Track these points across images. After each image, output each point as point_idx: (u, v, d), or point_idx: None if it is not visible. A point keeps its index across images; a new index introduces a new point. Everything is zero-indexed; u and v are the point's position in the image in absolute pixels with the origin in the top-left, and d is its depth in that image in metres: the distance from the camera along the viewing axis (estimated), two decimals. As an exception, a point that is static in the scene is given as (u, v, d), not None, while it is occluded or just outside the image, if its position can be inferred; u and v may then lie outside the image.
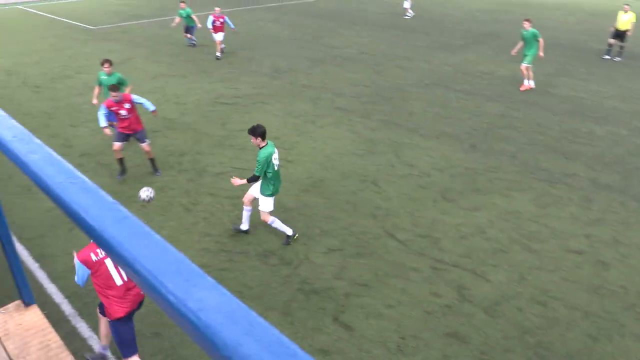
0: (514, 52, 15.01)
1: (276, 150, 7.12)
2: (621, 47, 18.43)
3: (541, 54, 14.42)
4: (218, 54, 17.76)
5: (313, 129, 11.70)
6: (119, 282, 4.69)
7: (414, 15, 26.71)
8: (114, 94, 8.73)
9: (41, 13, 27.09)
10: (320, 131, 11.56)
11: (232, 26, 18.10)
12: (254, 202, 7.78)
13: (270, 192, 7.19)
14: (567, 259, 7.33)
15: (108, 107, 8.87)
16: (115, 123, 9.41)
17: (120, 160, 9.27)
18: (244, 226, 7.74)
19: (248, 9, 28.59)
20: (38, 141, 1.45)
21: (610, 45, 18.44)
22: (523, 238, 7.78)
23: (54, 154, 1.37)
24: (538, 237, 7.81)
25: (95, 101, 10.59)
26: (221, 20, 17.53)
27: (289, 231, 7.46)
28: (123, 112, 8.92)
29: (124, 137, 9.10)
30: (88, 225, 1.11)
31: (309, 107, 13.08)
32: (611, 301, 6.52)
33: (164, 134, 11.31)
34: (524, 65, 14.48)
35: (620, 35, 18.19)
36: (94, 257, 4.66)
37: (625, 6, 18.10)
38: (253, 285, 6.68)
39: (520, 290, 6.66)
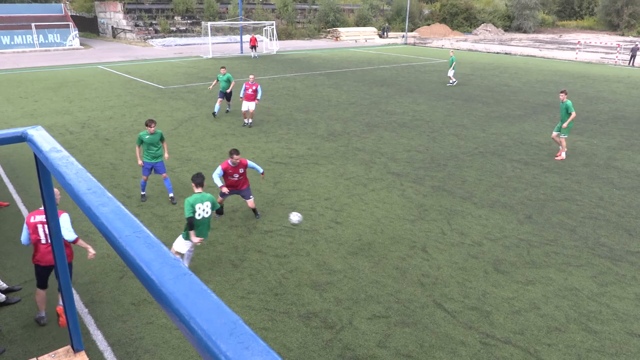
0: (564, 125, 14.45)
1: (207, 202, 7.74)
2: None
3: (564, 125, 14.27)
4: (248, 120, 17.23)
5: (364, 191, 11.77)
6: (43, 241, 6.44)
7: (457, 83, 26.87)
8: (235, 156, 9.33)
9: (119, 73, 29.43)
10: (371, 194, 11.61)
11: (259, 97, 17.18)
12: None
13: (185, 235, 7.79)
14: (631, 343, 6.79)
15: (224, 170, 9.43)
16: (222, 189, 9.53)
17: (221, 206, 10.07)
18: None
19: (309, 74, 29.85)
20: (109, 195, 1.55)
21: None
22: (582, 317, 7.31)
23: (124, 208, 1.46)
24: (598, 318, 7.31)
25: (140, 162, 10.56)
26: (254, 88, 17.00)
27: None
28: (236, 176, 9.61)
29: (230, 194, 9.80)
30: (148, 279, 1.13)
31: (361, 170, 13.23)
32: (683, 396, 5.93)
33: (217, 190, 11.70)
34: (555, 134, 14.62)
35: None
36: (31, 219, 6.33)
37: None
38: (293, 347, 6.59)
39: (578, 375, 6.19)
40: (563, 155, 14.70)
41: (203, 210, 7.76)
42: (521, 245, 9.38)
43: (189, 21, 53.94)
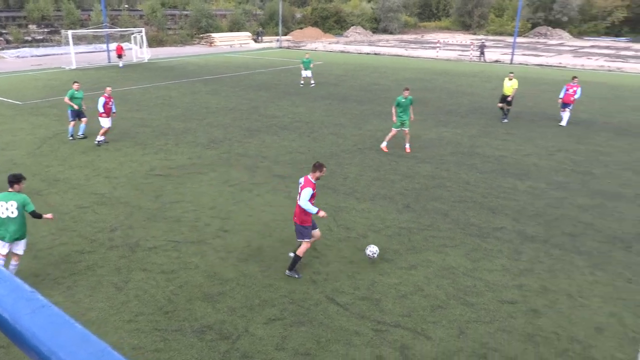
0: (394, 118, 15.11)
1: (11, 202, 7.56)
2: (507, 110, 19.69)
3: (412, 117, 15.31)
4: (101, 138, 15.73)
5: (250, 197, 11.71)
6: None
7: (315, 84, 27.88)
8: (325, 169, 8.15)
9: (-36, 91, 26.17)
10: (257, 199, 11.59)
11: (114, 109, 16.27)
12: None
13: None
14: (502, 310, 7.55)
15: (313, 191, 8.04)
16: None
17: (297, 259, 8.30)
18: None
19: (184, 82, 29.00)
20: None
21: (500, 108, 19.88)
22: (459, 292, 7.96)
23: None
24: (473, 291, 8.02)
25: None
26: (112, 101, 15.82)
27: None
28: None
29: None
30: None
31: (245, 176, 13.15)
32: (545, 348, 6.71)
33: (93, 210, 10.93)
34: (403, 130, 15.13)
35: (505, 100, 19.53)
36: None
37: (510, 74, 19.64)
38: (189, 364, 6.36)
39: (460, 345, 6.74)
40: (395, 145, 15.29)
41: (7, 209, 7.58)
42: (402, 233, 9.97)
43: (46, 30, 49.60)
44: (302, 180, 8.27)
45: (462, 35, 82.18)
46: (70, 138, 16.35)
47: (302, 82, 28.49)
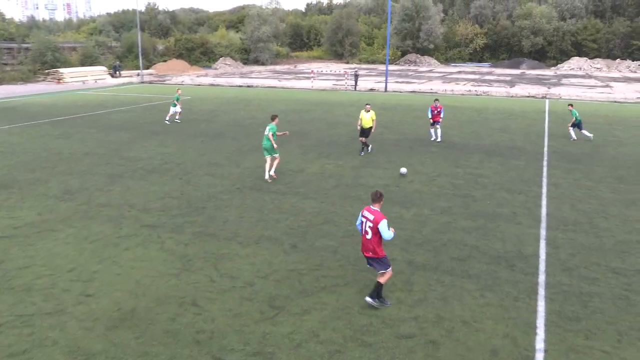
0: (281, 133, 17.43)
1: None
2: (365, 144, 19.92)
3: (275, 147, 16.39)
4: None
5: (117, 252, 10.98)
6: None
7: (179, 121, 27.76)
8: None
9: None
10: (125, 254, 10.90)
11: None
12: None
13: None
14: (401, 345, 7.79)
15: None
16: None
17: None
18: None
19: (28, 125, 26.81)
20: None
21: (363, 143, 19.75)
22: (357, 333, 8.09)
23: None
24: (370, 330, 8.20)
25: None
26: None
27: None
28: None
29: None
30: None
31: (109, 229, 12.34)
32: (446, 382, 7.01)
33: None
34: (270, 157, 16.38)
35: (364, 132, 19.62)
36: None
37: (367, 105, 19.79)
38: None
39: (362, 392, 6.79)
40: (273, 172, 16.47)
41: None
42: (291, 277, 9.96)
43: None
44: (367, 214, 8.78)
45: (335, 64, 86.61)
46: None
47: (177, 118, 27.88)
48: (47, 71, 57.77)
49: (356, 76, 47.48)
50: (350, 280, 9.81)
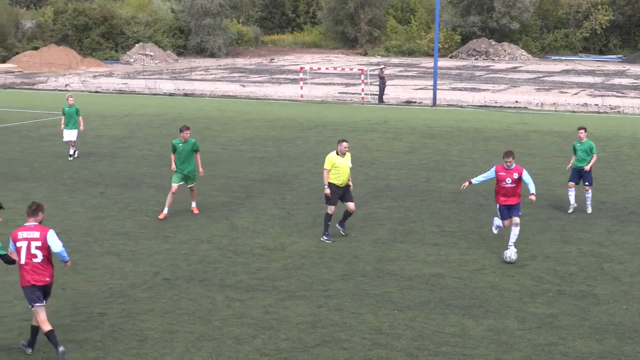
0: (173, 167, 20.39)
1: None
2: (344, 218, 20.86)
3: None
4: None
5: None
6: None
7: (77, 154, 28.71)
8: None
9: None
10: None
11: None
12: None
13: None
14: None
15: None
16: None
17: None
18: None
19: None
20: None
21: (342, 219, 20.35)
22: None
23: None
24: None
25: None
26: None
27: None
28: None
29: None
30: None
31: None
32: None
33: None
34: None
35: (343, 191, 20.06)
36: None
37: (342, 144, 19.52)
38: None
39: None
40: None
41: None
42: None
43: None
44: (27, 233, 12.03)
45: (342, 56, 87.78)
46: None
47: (71, 151, 28.51)
48: None
49: (381, 78, 47.45)
50: None
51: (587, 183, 21.19)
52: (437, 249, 17.79)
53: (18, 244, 11.89)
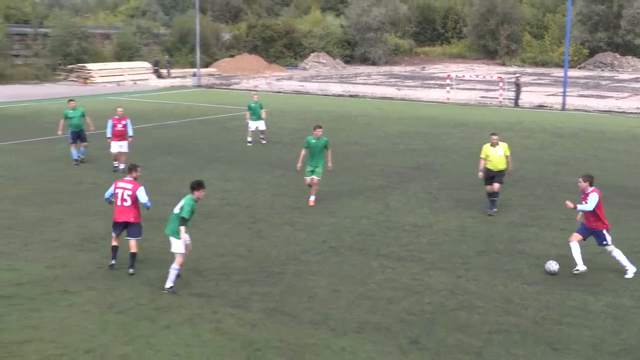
0: (299, 166, 19.81)
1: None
2: (494, 198, 20.07)
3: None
4: (119, 165, 23.21)
5: (153, 330, 11.42)
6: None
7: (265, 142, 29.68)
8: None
9: None
10: (165, 334, 11.30)
11: (131, 132, 23.73)
12: None
13: None
14: None
15: None
16: None
17: None
18: None
19: (40, 141, 28.89)
20: None
21: (489, 194, 19.98)
22: None
23: None
24: None
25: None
26: (123, 123, 23.30)
27: None
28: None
29: None
30: None
31: (144, 296, 12.89)
32: None
33: None
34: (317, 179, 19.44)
35: (494, 176, 19.48)
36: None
37: (493, 137, 19.33)
38: None
39: None
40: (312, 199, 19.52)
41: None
42: (410, 388, 9.84)
43: None
44: (124, 184, 14.40)
45: (484, 66, 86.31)
46: (75, 162, 24.69)
47: (249, 139, 29.41)
48: (70, 67, 62.25)
49: (517, 85, 46.99)
50: (502, 402, 9.51)
51: None
52: (563, 233, 17.24)
53: (116, 190, 14.04)
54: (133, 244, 13.97)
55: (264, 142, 29.34)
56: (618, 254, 14.49)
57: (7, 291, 13.04)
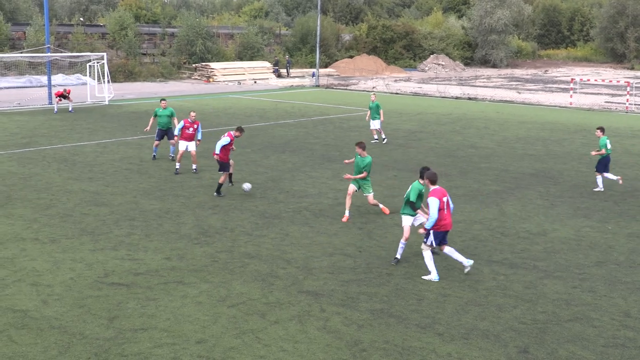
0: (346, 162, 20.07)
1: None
2: None
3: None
4: (193, 165, 23.27)
5: (262, 325, 11.64)
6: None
7: (386, 141, 30.20)
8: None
9: None
10: (274, 329, 11.50)
11: (200, 137, 23.20)
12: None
13: None
14: None
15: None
16: None
17: None
18: None
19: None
20: None
21: None
22: None
23: None
24: None
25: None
26: (195, 127, 22.81)
27: None
28: None
29: None
30: None
31: (255, 290, 13.14)
32: None
33: (9, 337, 11.05)
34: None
35: None
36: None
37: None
38: None
39: None
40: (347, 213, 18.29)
41: None
42: (517, 398, 9.62)
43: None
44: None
45: (610, 70, 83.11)
46: (153, 158, 25.45)
47: (375, 137, 30.41)
48: (194, 65, 64.40)
49: (645, 90, 45.13)
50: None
51: None
52: None
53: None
54: None
55: (372, 141, 29.47)
56: None
57: (126, 279, 13.62)
